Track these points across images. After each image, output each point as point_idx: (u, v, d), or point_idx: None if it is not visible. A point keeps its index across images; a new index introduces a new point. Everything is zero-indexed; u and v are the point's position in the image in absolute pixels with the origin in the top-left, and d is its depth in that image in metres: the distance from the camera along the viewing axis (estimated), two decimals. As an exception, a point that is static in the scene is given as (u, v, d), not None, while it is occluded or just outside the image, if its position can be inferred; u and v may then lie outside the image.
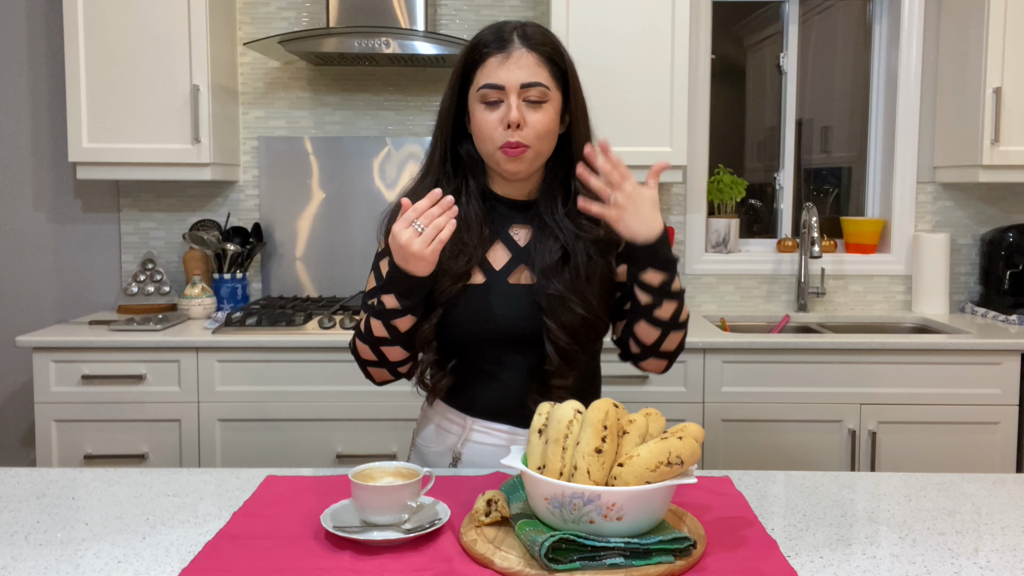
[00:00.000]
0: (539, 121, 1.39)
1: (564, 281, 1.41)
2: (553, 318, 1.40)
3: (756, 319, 3.12)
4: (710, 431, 2.59)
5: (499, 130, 1.39)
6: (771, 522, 1.22)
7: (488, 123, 1.39)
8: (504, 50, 1.39)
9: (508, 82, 1.37)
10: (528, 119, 1.38)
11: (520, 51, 1.39)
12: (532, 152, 1.40)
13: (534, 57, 1.39)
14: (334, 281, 3.17)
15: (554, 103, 1.41)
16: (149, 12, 2.76)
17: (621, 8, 2.77)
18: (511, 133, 1.38)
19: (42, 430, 2.59)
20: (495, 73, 1.38)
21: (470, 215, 1.45)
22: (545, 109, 1.39)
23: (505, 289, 1.44)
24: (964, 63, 2.96)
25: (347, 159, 3.14)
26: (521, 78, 1.37)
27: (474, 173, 1.48)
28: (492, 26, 1.43)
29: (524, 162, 1.41)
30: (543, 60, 1.40)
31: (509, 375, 1.46)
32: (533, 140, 1.39)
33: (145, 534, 1.18)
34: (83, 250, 3.18)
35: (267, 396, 2.59)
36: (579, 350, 1.44)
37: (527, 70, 1.38)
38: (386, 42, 2.71)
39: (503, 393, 1.47)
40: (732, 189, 3.23)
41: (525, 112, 1.38)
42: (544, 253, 1.44)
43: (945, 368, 2.61)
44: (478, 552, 1.08)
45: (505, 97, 1.38)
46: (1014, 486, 1.38)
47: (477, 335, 1.44)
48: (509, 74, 1.37)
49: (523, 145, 1.39)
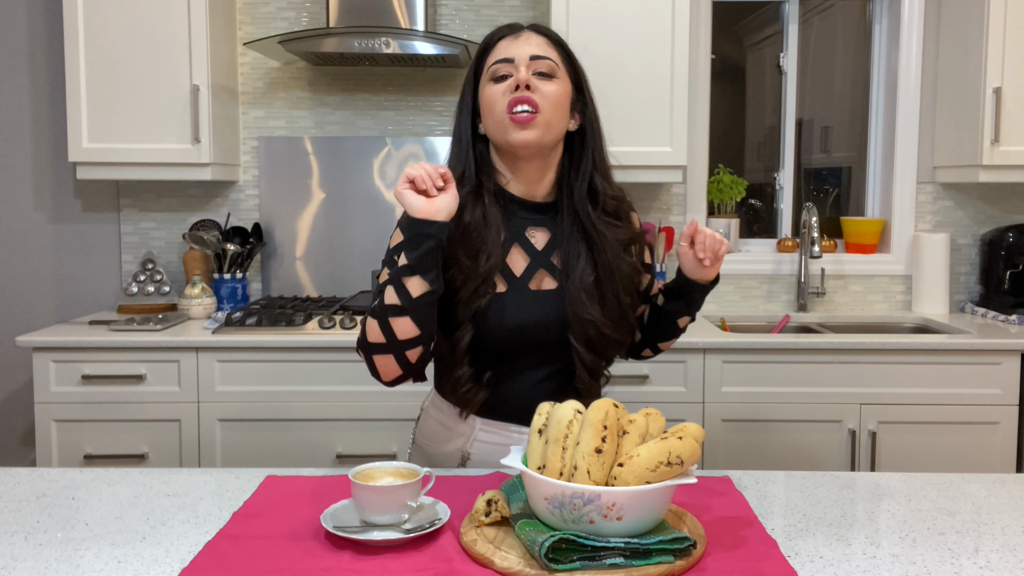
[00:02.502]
0: (549, 90, 1.39)
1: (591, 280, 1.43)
2: (583, 342, 1.43)
3: (756, 319, 3.12)
4: (710, 431, 2.59)
5: (507, 95, 1.38)
6: (771, 522, 1.22)
7: (496, 92, 1.40)
8: (513, 32, 1.44)
9: (518, 55, 1.40)
10: (538, 86, 1.39)
11: (529, 33, 1.44)
12: (542, 119, 1.38)
13: (543, 39, 1.44)
14: (334, 281, 3.17)
15: (563, 82, 1.42)
16: (149, 12, 2.76)
17: (621, 8, 2.77)
18: (519, 93, 1.37)
19: (42, 430, 2.59)
20: (505, 49, 1.42)
21: (489, 214, 1.43)
22: (554, 82, 1.41)
23: (529, 297, 1.44)
24: (964, 63, 2.96)
25: (347, 159, 3.14)
26: (531, 51, 1.41)
27: (489, 173, 1.46)
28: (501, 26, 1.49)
29: (535, 129, 1.38)
30: (552, 43, 1.44)
31: (525, 378, 1.46)
32: (542, 102, 1.38)
33: (145, 534, 1.18)
34: (83, 250, 3.18)
35: (267, 396, 2.59)
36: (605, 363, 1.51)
37: (537, 46, 1.42)
38: (386, 42, 2.71)
39: (517, 394, 1.46)
40: (732, 189, 3.23)
41: (535, 81, 1.39)
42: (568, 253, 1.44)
43: (945, 368, 2.61)
44: (478, 552, 1.07)
45: (515, 70, 1.40)
46: (1014, 486, 1.38)
47: (500, 344, 1.43)
48: (519, 48, 1.41)
49: (533, 106, 1.37)
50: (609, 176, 1.49)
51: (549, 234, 1.47)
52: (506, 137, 1.39)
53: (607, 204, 1.46)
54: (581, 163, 1.47)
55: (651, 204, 3.19)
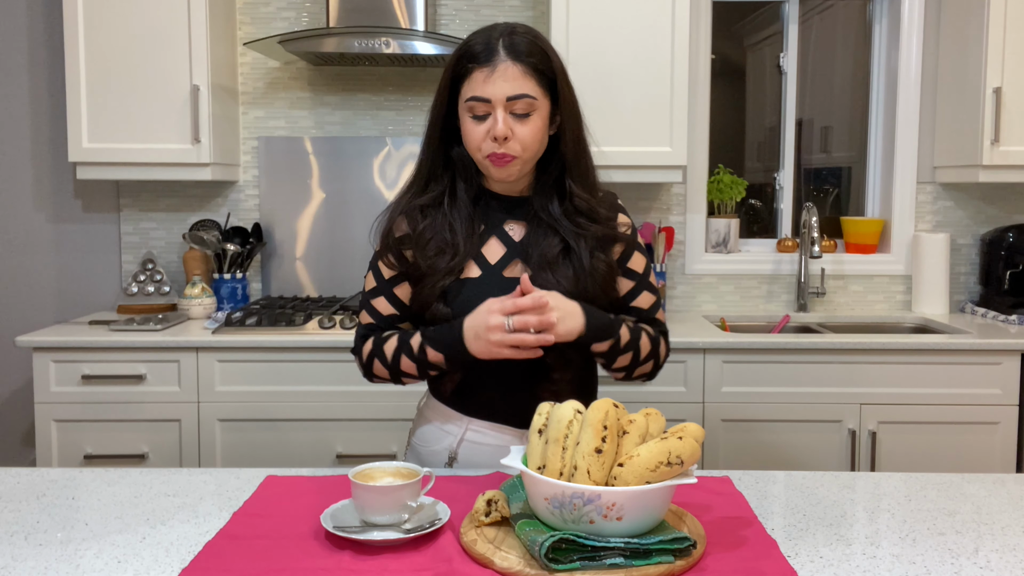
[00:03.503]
0: (526, 133, 1.41)
1: (567, 277, 1.44)
2: None
3: (756, 319, 3.12)
4: (710, 431, 2.59)
5: (487, 142, 1.41)
6: (771, 522, 1.22)
7: (476, 135, 1.42)
8: (490, 63, 1.39)
9: (494, 95, 1.39)
10: (515, 131, 1.40)
11: (505, 63, 1.39)
12: (519, 162, 1.43)
13: (519, 68, 1.39)
14: (334, 281, 3.17)
15: (541, 112, 1.43)
16: (149, 12, 2.76)
17: (621, 8, 2.77)
18: (497, 145, 1.40)
19: (42, 430, 2.59)
20: (481, 87, 1.39)
21: (456, 216, 1.48)
22: (532, 120, 1.41)
23: (501, 282, 1.46)
24: (964, 63, 2.96)
25: (347, 159, 3.14)
26: (507, 91, 1.39)
27: (466, 175, 1.50)
28: (481, 32, 1.44)
29: (512, 169, 1.44)
30: (529, 71, 1.40)
31: (506, 373, 1.46)
32: (519, 151, 1.42)
33: (145, 534, 1.18)
34: (83, 250, 3.18)
35: (267, 396, 2.59)
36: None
37: (512, 82, 1.39)
38: (386, 42, 2.71)
39: (499, 392, 1.48)
40: (732, 189, 3.23)
41: (512, 124, 1.40)
42: (544, 247, 1.46)
43: (945, 368, 2.61)
44: (478, 552, 1.08)
45: (492, 110, 1.40)
46: (1014, 486, 1.38)
47: None
48: (495, 88, 1.39)
49: (509, 156, 1.42)
50: (587, 176, 1.49)
51: (527, 227, 1.50)
52: (486, 172, 1.47)
53: (577, 204, 1.47)
54: (550, 164, 1.49)
55: (651, 204, 3.19)
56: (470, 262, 1.47)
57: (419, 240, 1.47)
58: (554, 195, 1.49)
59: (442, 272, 1.45)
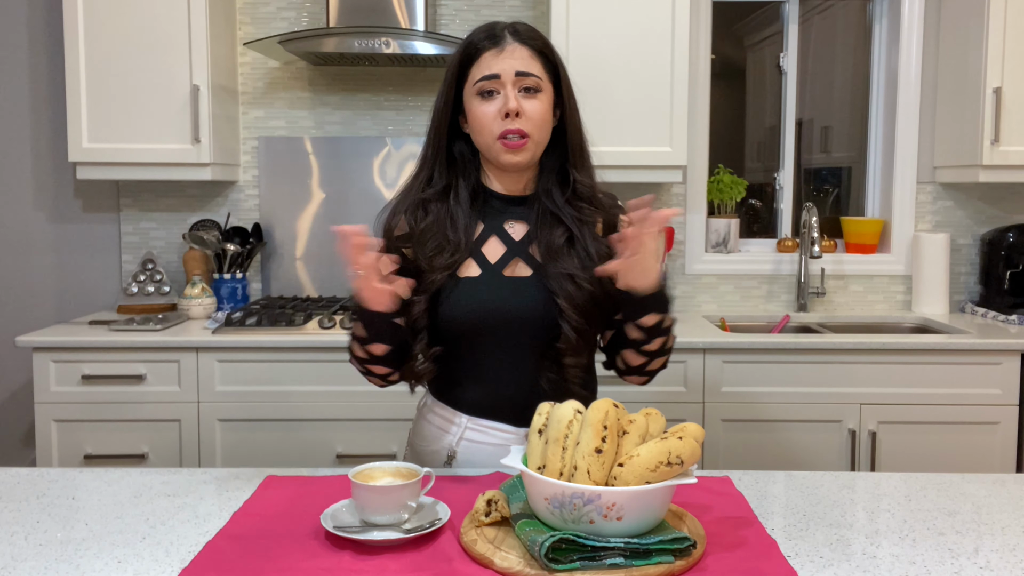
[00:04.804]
0: (535, 110, 1.44)
1: (573, 264, 1.45)
2: (564, 297, 1.43)
3: (756, 319, 3.12)
4: (710, 431, 2.59)
5: (497, 120, 1.43)
6: (771, 522, 1.22)
7: (486, 114, 1.43)
8: (498, 45, 1.45)
9: (504, 71, 1.42)
10: (524, 108, 1.42)
11: (513, 45, 1.45)
12: (532, 143, 1.44)
13: (527, 50, 1.45)
14: (334, 281, 3.17)
15: (547, 94, 1.46)
16: (149, 12, 2.76)
17: (621, 8, 2.77)
18: (509, 122, 1.42)
19: (42, 430, 2.59)
20: (490, 65, 1.43)
21: (457, 214, 1.48)
22: (540, 98, 1.45)
23: (500, 281, 1.46)
24: (964, 63, 2.96)
25: (347, 159, 3.14)
26: (516, 66, 1.43)
27: (466, 172, 1.51)
28: (483, 27, 1.49)
29: (524, 154, 1.45)
30: (535, 53, 1.46)
31: (505, 371, 1.47)
32: (531, 129, 1.43)
33: (145, 534, 1.18)
34: (83, 250, 3.18)
35: (267, 396, 2.59)
36: (589, 328, 1.46)
37: (521, 60, 1.44)
38: (386, 42, 2.71)
39: (498, 391, 1.48)
40: (732, 189, 3.23)
41: (521, 101, 1.42)
42: (550, 238, 1.47)
43: (945, 368, 2.61)
44: (478, 552, 1.07)
45: (501, 87, 1.43)
46: (1014, 486, 1.38)
47: (473, 327, 1.46)
48: (504, 64, 1.43)
49: (523, 135, 1.43)
50: (586, 167, 1.52)
51: (528, 226, 1.50)
52: (497, 158, 1.46)
53: (580, 190, 1.49)
54: (554, 152, 1.51)
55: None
56: (469, 261, 1.47)
57: (419, 238, 1.48)
58: (557, 184, 1.50)
59: (440, 269, 1.45)
